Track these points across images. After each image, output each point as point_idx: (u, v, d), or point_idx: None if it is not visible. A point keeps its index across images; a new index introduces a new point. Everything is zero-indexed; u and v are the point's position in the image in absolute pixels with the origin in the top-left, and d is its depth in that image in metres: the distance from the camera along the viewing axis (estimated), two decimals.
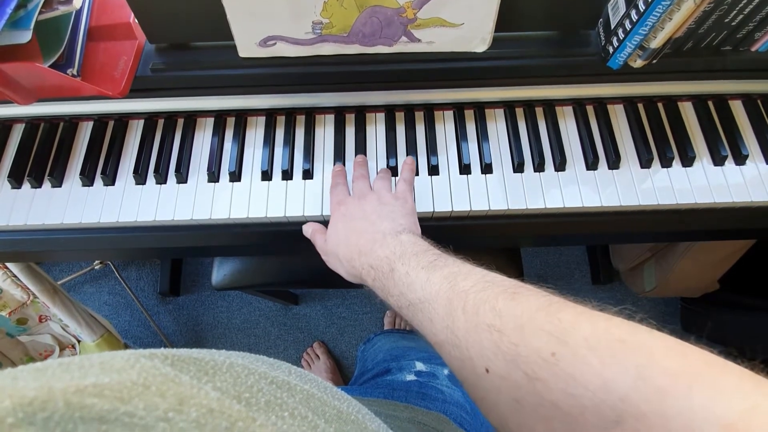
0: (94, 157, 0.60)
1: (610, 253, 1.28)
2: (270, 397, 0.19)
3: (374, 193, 0.49)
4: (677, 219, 0.58)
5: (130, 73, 0.54)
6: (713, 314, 1.13)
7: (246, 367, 0.21)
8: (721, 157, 0.57)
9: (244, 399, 0.18)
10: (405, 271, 0.36)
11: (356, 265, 0.42)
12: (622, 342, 0.23)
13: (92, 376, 0.15)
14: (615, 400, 0.21)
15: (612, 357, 0.22)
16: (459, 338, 0.29)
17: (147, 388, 0.16)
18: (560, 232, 0.59)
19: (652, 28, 0.48)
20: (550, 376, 0.23)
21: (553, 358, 0.23)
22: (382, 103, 0.61)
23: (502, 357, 0.26)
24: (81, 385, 0.15)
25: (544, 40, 0.57)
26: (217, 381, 0.19)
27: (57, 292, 0.90)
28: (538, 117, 0.60)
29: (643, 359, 0.22)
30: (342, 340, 1.31)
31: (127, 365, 0.17)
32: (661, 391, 0.20)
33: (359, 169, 0.54)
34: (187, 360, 0.19)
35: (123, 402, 0.15)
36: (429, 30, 0.52)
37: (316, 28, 0.52)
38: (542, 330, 0.25)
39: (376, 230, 0.43)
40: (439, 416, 0.46)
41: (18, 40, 0.48)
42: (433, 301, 0.32)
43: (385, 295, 0.38)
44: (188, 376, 0.18)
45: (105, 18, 0.55)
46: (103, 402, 0.14)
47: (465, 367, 0.28)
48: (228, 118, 0.62)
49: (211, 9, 0.50)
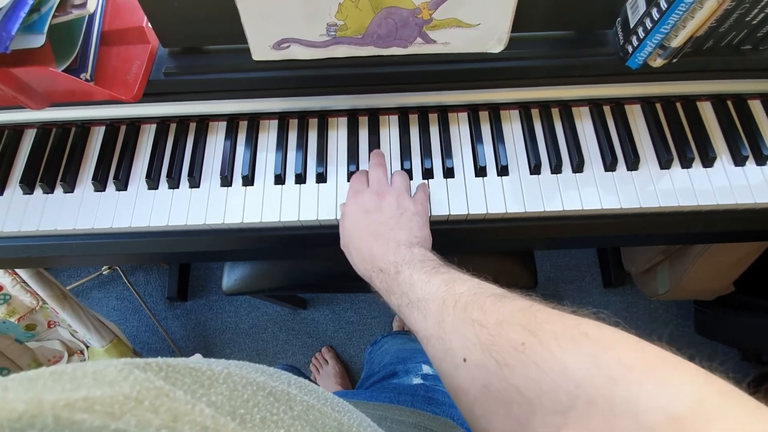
0: (107, 162, 0.59)
1: (622, 256, 1.26)
2: (266, 414, 0.19)
3: (393, 193, 0.49)
4: (698, 220, 0.56)
5: (143, 78, 0.54)
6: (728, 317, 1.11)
7: (244, 377, 0.20)
8: (742, 157, 0.56)
9: (239, 416, 0.18)
10: (409, 274, 0.39)
11: (367, 266, 0.45)
12: (585, 335, 0.24)
13: (84, 388, 0.15)
14: (570, 386, 0.22)
15: (573, 346, 0.24)
16: (446, 332, 0.31)
17: (140, 402, 0.15)
18: (577, 234, 0.58)
19: (673, 27, 0.47)
20: (516, 362, 0.25)
21: (522, 347, 0.25)
22: (395, 106, 0.60)
23: (479, 347, 0.28)
24: (71, 399, 0.14)
25: (561, 40, 0.56)
26: (212, 394, 0.18)
27: (66, 298, 0.90)
28: (554, 118, 0.60)
29: (601, 349, 0.23)
30: (351, 344, 1.30)
31: (120, 377, 0.16)
32: (612, 379, 0.21)
33: (376, 157, 0.54)
34: (183, 371, 0.19)
35: (114, 418, 0.14)
36: (445, 31, 0.52)
37: (330, 30, 0.51)
38: (518, 324, 0.27)
39: (391, 238, 0.44)
40: (446, 421, 0.46)
41: (31, 45, 0.48)
42: (429, 300, 0.34)
43: (388, 294, 0.41)
44: (182, 390, 0.17)
45: (118, 22, 0.55)
46: (93, 418, 0.14)
47: (446, 359, 0.31)
48: (240, 121, 0.61)
49: (225, 12, 0.49)
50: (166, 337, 1.30)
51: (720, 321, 1.14)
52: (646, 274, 1.18)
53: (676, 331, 1.26)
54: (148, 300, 1.35)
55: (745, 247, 0.92)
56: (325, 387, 1.18)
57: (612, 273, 1.27)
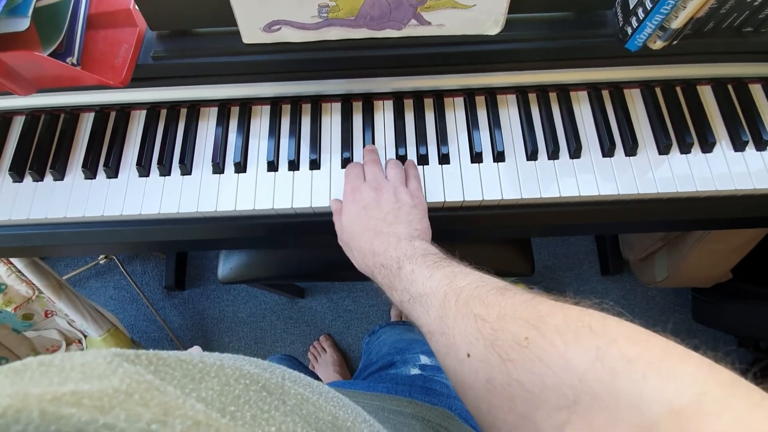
0: (96, 149, 0.58)
1: (620, 243, 1.26)
2: (257, 411, 0.19)
3: (390, 186, 0.49)
4: (696, 207, 0.56)
5: (131, 62, 0.53)
6: (725, 304, 1.11)
7: (237, 369, 0.20)
8: (741, 142, 0.55)
9: (229, 413, 0.17)
10: (411, 269, 0.38)
11: (369, 263, 0.44)
12: (588, 327, 0.24)
13: (72, 382, 0.14)
14: (574, 380, 0.22)
15: (576, 339, 0.23)
16: (448, 326, 0.31)
17: (130, 396, 0.15)
18: (574, 221, 0.57)
19: (674, 7, 0.46)
20: (519, 357, 0.25)
21: (525, 342, 0.25)
22: (390, 90, 0.59)
23: (482, 341, 0.27)
24: (59, 393, 0.14)
25: (559, 22, 0.55)
26: (203, 390, 0.18)
27: (62, 287, 0.90)
28: (552, 102, 0.58)
29: (604, 343, 0.22)
30: (348, 333, 1.30)
31: (109, 370, 0.16)
32: (615, 372, 0.21)
33: (370, 154, 0.54)
34: (174, 364, 0.18)
35: (103, 412, 0.14)
36: (440, 12, 0.50)
37: (322, 11, 0.50)
38: (520, 318, 0.26)
39: (392, 233, 0.44)
40: (444, 412, 0.46)
41: (16, 28, 0.46)
42: (431, 295, 0.34)
43: (390, 290, 0.40)
44: (172, 385, 0.17)
45: (104, 5, 0.53)
46: (81, 412, 0.13)
47: (449, 354, 0.30)
48: (232, 107, 0.60)
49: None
50: (164, 326, 1.30)
51: (717, 308, 1.14)
52: (643, 262, 1.17)
53: (674, 318, 1.26)
54: (146, 289, 1.35)
55: (743, 234, 0.91)
56: (323, 375, 1.19)
57: (610, 260, 1.27)
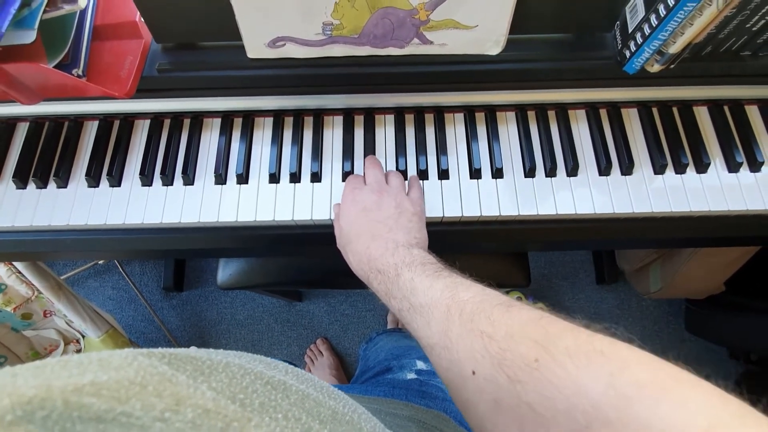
0: (100, 158, 0.59)
1: (615, 254, 1.27)
2: (264, 399, 0.20)
3: (391, 191, 0.48)
4: (690, 226, 0.57)
5: (136, 74, 0.53)
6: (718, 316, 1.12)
7: (242, 367, 0.21)
8: (736, 163, 0.56)
9: (238, 400, 0.19)
10: (410, 277, 0.37)
11: (365, 268, 0.43)
12: (599, 352, 0.23)
13: (90, 373, 0.16)
14: (586, 406, 0.22)
15: (588, 365, 0.23)
16: (452, 341, 0.30)
17: (144, 387, 0.16)
18: (570, 237, 0.58)
19: (672, 33, 0.46)
20: (529, 379, 0.24)
21: (535, 363, 0.24)
22: (391, 105, 0.60)
23: (489, 360, 0.27)
24: (79, 384, 0.15)
25: (559, 43, 0.56)
26: (212, 381, 0.19)
27: (61, 288, 0.90)
28: (550, 120, 0.59)
29: (617, 368, 0.22)
30: (345, 337, 1.31)
31: (125, 363, 0.17)
32: (628, 399, 0.21)
33: (372, 160, 0.53)
34: (185, 359, 0.19)
35: (120, 402, 0.15)
36: (442, 32, 0.51)
37: (326, 29, 0.51)
38: (529, 338, 0.26)
39: (390, 238, 0.43)
40: (440, 415, 0.46)
41: (22, 40, 0.47)
42: (432, 307, 0.33)
43: (388, 297, 0.39)
44: (185, 375, 0.18)
45: (110, 17, 0.54)
46: (100, 402, 0.15)
47: (452, 369, 0.30)
48: (235, 118, 0.61)
49: (219, 8, 0.49)
50: (162, 327, 1.31)
51: (710, 320, 1.15)
52: (638, 272, 1.18)
53: (667, 329, 1.27)
54: (144, 290, 1.36)
55: (737, 249, 0.93)
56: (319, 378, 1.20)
57: (605, 270, 1.28)
